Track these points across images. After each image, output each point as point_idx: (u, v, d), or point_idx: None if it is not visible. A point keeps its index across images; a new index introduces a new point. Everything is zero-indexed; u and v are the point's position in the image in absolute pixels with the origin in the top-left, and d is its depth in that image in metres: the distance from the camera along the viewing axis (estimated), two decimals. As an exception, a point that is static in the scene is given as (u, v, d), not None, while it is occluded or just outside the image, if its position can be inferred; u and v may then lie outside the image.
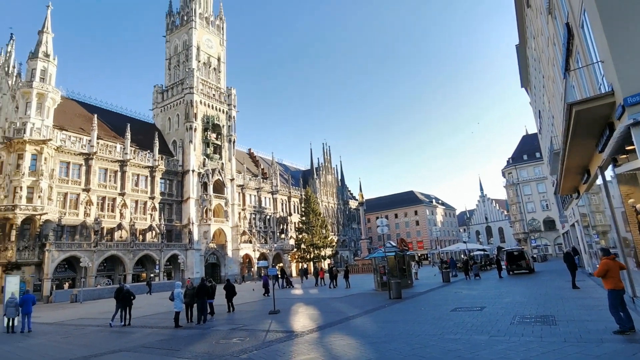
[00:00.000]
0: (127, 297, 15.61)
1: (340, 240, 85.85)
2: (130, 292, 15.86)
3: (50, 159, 40.88)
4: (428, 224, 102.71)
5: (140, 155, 50.64)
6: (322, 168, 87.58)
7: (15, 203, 37.45)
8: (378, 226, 21.55)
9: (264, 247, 64.05)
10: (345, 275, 31.91)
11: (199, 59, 61.15)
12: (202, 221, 53.91)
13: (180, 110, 58.53)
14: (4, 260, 36.51)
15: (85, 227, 43.37)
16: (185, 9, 63.97)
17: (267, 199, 70.52)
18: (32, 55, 41.59)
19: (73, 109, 49.48)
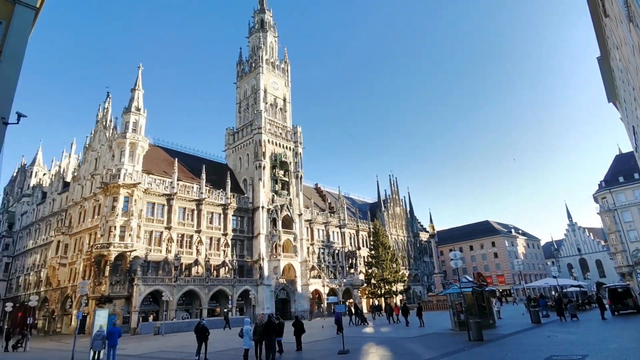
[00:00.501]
0: (202, 332, 16.02)
1: (411, 274, 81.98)
2: (205, 328, 16.27)
3: (139, 200, 45.21)
4: (508, 256, 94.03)
5: (214, 194, 53.99)
6: (389, 200, 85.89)
7: (110, 241, 41.63)
8: (451, 259, 20.16)
9: (333, 282, 63.22)
10: (418, 312, 30.00)
11: (266, 101, 65.01)
12: (272, 256, 55.05)
13: (249, 150, 62.00)
14: (98, 294, 40.28)
15: (167, 262, 46.60)
16: (253, 57, 69.24)
17: (335, 233, 70.37)
18: (125, 110, 47.43)
19: (158, 155, 54.83)
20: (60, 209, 56.13)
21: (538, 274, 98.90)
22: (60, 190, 58.46)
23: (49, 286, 51.27)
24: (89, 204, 49.39)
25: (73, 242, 50.28)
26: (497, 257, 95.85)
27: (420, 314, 29.40)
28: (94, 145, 53.50)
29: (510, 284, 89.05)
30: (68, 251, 50.13)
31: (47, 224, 58.28)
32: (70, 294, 46.30)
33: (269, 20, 73.77)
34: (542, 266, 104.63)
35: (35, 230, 61.25)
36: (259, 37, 70.42)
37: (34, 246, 59.37)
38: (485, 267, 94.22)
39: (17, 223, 67.68)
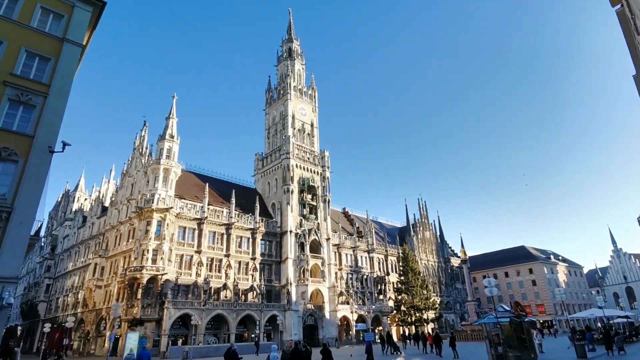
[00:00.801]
0: (233, 358, 15.87)
1: (443, 301, 78.73)
2: (235, 353, 16.12)
3: (171, 224, 46.43)
4: (548, 284, 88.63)
5: (243, 219, 54.69)
6: (418, 224, 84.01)
7: (143, 264, 42.71)
8: (486, 286, 19.24)
9: (361, 308, 61.61)
10: (451, 342, 28.57)
11: (294, 126, 66.24)
12: (300, 281, 54.56)
13: (278, 175, 62.85)
14: (130, 316, 41.05)
15: (196, 286, 47.10)
16: (281, 84, 71.28)
17: (363, 258, 69.17)
18: (160, 137, 49.57)
19: (189, 180, 56.52)
20: (98, 233, 58.45)
21: (582, 303, 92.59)
22: (99, 215, 61.06)
23: (85, 308, 52.84)
24: (124, 227, 51.19)
25: (109, 265, 51.96)
26: (535, 285, 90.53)
27: (454, 345, 27.95)
28: (130, 172, 55.93)
29: (552, 315, 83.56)
30: (104, 273, 51.77)
31: (86, 246, 60.68)
32: (105, 316, 47.41)
33: (297, 49, 76.14)
34: (585, 295, 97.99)
35: (75, 253, 63.85)
36: (287, 65, 72.64)
37: (73, 268, 61.76)
38: (522, 296, 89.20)
39: (59, 246, 70.89)
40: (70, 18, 22.16)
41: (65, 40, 21.37)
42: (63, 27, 21.78)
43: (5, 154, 17.47)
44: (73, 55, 21.86)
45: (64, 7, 22.10)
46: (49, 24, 21.40)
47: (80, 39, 22.48)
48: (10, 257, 16.40)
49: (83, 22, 22.68)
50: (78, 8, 22.54)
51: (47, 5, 21.44)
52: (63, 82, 20.82)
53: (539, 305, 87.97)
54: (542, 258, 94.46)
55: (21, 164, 17.79)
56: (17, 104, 18.80)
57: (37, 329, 60.97)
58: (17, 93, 18.79)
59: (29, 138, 18.38)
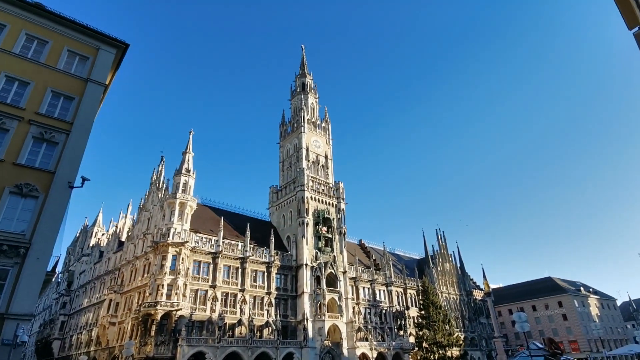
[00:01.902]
0: None
1: (467, 337, 74.78)
2: None
3: (187, 259, 46.11)
4: (580, 319, 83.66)
5: (258, 252, 54.04)
6: (437, 256, 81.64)
7: (158, 299, 42.08)
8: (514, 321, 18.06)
9: (381, 345, 58.87)
10: None
11: (308, 159, 66.60)
12: (317, 317, 52.85)
13: (293, 207, 62.58)
14: (143, 354, 40.01)
15: (210, 322, 45.98)
16: (295, 117, 72.49)
17: (381, 291, 67.00)
18: (177, 172, 50.30)
19: (205, 213, 56.69)
20: (114, 268, 58.48)
21: (617, 339, 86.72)
22: (115, 250, 61.34)
23: (99, 345, 51.95)
24: (140, 262, 51.10)
25: (123, 301, 51.49)
26: (566, 320, 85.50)
27: None
28: (147, 206, 56.53)
29: (587, 352, 78.28)
30: (118, 310, 51.22)
31: (102, 282, 60.59)
32: (118, 354, 46.42)
33: (310, 83, 77.96)
34: (621, 330, 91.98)
35: (91, 289, 63.73)
36: (301, 99, 74.17)
37: (88, 304, 61.42)
38: (553, 331, 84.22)
39: (76, 282, 71.00)
40: (95, 60, 23.18)
41: (90, 81, 22.26)
42: (88, 68, 22.76)
43: (26, 190, 17.79)
44: (96, 94, 22.69)
45: (90, 50, 23.20)
46: (74, 66, 22.40)
47: (104, 79, 23.41)
48: (26, 294, 16.28)
49: (107, 63, 23.70)
50: (103, 50, 23.63)
51: (74, 48, 22.53)
52: (85, 120, 21.49)
53: (571, 341, 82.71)
54: (571, 290, 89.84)
55: (41, 200, 18.05)
56: (41, 141, 19.37)
57: (50, 368, 60.00)
58: (41, 131, 19.40)
59: (50, 174, 18.75)
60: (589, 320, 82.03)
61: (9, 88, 19.42)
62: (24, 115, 19.21)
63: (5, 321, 15.02)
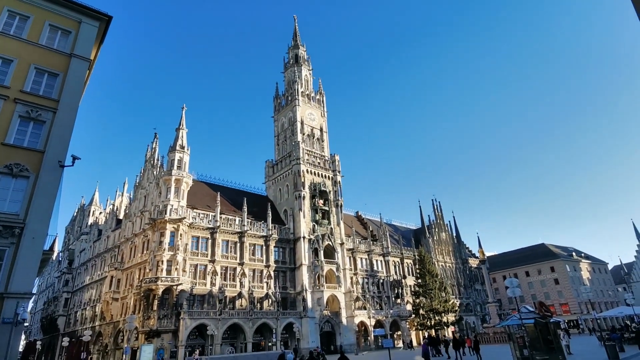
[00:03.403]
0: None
1: (463, 304, 77.11)
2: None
3: (185, 235, 46.49)
4: (572, 283, 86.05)
5: (256, 226, 54.52)
6: (434, 225, 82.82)
7: (158, 275, 42.75)
8: (507, 287, 18.51)
9: (379, 313, 60.64)
10: (475, 346, 27.83)
11: (303, 132, 66.06)
12: (315, 288, 54.01)
13: (289, 181, 62.64)
14: (147, 328, 41.05)
15: (211, 296, 46.95)
16: (289, 90, 71.33)
17: (378, 262, 68.27)
18: (171, 148, 49.85)
19: (201, 189, 56.71)
20: (113, 245, 58.99)
21: (608, 301, 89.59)
22: (114, 228, 61.67)
23: (103, 320, 53.19)
24: (138, 239, 51.50)
25: (125, 277, 52.27)
26: (558, 284, 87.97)
27: (477, 348, 27.22)
28: (143, 184, 56.39)
29: (577, 314, 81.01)
30: (120, 286, 52.07)
31: (102, 260, 61.28)
32: (122, 328, 47.55)
33: (303, 55, 76.23)
34: (611, 293, 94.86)
35: (92, 266, 64.54)
36: (294, 71, 72.74)
37: (90, 282, 62.39)
38: (545, 295, 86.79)
39: (76, 260, 71.80)
40: (78, 34, 22.37)
41: (73, 56, 21.56)
42: (71, 43, 21.99)
43: (17, 170, 17.58)
44: (81, 70, 22.05)
45: (71, 23, 22.35)
46: (57, 41, 21.63)
47: (88, 54, 22.68)
48: (24, 273, 16.41)
49: (90, 37, 22.89)
50: (85, 24, 22.77)
51: (55, 22, 21.69)
52: (72, 97, 20.98)
53: (562, 304, 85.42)
54: (563, 256, 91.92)
55: (32, 180, 17.87)
56: (28, 120, 18.96)
57: (57, 343, 61.59)
58: (27, 110, 18.96)
59: (39, 154, 18.48)
60: (580, 284, 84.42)
61: (-8, 66, 18.80)
62: (8, 94, 18.71)
63: (5, 300, 15.21)
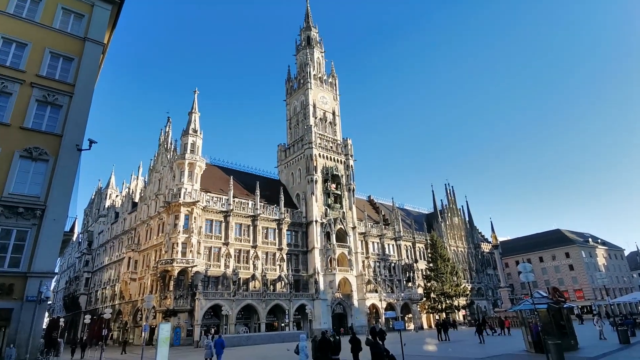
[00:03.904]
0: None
1: (474, 288, 77.12)
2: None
3: (199, 218, 47.25)
4: (586, 269, 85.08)
5: (269, 210, 55.03)
6: (446, 210, 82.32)
7: (173, 257, 43.78)
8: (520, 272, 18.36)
9: (390, 296, 61.19)
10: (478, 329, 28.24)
11: (316, 116, 65.67)
12: (327, 270, 54.62)
13: (301, 165, 62.71)
14: (164, 307, 42.33)
15: (225, 277, 47.97)
16: (301, 73, 70.64)
17: (390, 245, 68.47)
18: (184, 132, 50.22)
19: (214, 173, 57.27)
20: (130, 228, 60.42)
21: (623, 287, 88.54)
22: (130, 210, 63.04)
23: (122, 299, 54.99)
24: (154, 222, 52.59)
25: (142, 258, 53.68)
26: (572, 270, 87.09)
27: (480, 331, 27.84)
28: (157, 167, 57.20)
29: (591, 300, 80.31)
30: (138, 267, 53.56)
31: (120, 241, 62.94)
32: (141, 307, 49.14)
33: (315, 37, 75.10)
34: (627, 279, 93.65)
35: (110, 248, 66.42)
36: (306, 54, 71.85)
37: (109, 262, 64.31)
38: (559, 281, 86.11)
39: (95, 241, 73.96)
40: (91, 17, 22.42)
41: (87, 40, 21.67)
42: (84, 26, 22.08)
43: (36, 154, 17.99)
44: (95, 54, 22.19)
45: (84, 6, 22.39)
46: (70, 24, 21.73)
47: (101, 38, 22.77)
48: (46, 253, 16.97)
49: (103, 20, 22.93)
50: (97, 7, 22.78)
51: (68, 5, 21.75)
52: (87, 81, 21.20)
53: (577, 290, 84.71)
54: (579, 241, 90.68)
55: (51, 163, 18.28)
56: (45, 104, 19.26)
57: (79, 320, 64.09)
58: (44, 94, 19.24)
59: (57, 137, 18.83)
60: (595, 270, 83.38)
61: (7, 50, 19.03)
62: (25, 78, 18.97)
63: (29, 279, 15.78)
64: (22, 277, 15.84)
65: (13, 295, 15.45)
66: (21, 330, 15.22)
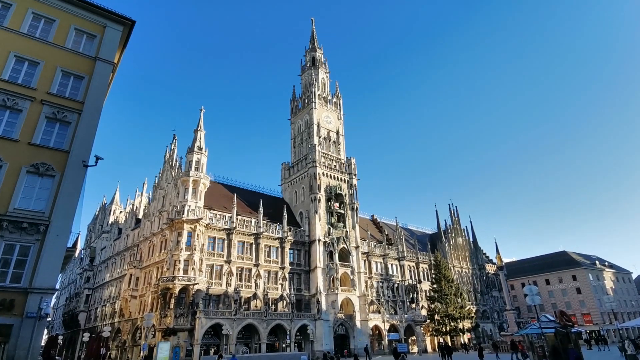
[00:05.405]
0: None
1: (479, 310, 75.60)
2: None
3: (201, 235, 47.11)
4: (594, 292, 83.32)
5: (272, 228, 54.83)
6: (450, 230, 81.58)
7: (175, 274, 43.44)
8: (526, 295, 18.09)
9: (393, 317, 60.05)
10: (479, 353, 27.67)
11: (320, 135, 66.17)
12: (330, 290, 53.90)
13: (305, 183, 62.80)
14: (164, 326, 41.72)
15: (227, 296, 47.42)
16: (306, 93, 71.63)
17: (393, 266, 67.69)
18: (189, 150, 50.64)
19: (218, 191, 57.41)
20: (132, 244, 60.23)
21: (631, 312, 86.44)
22: (133, 227, 62.98)
23: (122, 317, 54.29)
24: (156, 239, 52.45)
25: (143, 275, 53.28)
26: (580, 293, 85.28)
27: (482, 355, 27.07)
28: (161, 184, 57.45)
29: (599, 324, 78.38)
30: (139, 284, 53.09)
31: (122, 258, 62.65)
32: (140, 325, 48.44)
33: (320, 58, 76.49)
34: (635, 303, 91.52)
35: (112, 264, 66.06)
36: (311, 74, 73.01)
37: (110, 279, 63.84)
38: (566, 304, 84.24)
39: (97, 257, 73.65)
40: (102, 38, 23.03)
41: (98, 59, 22.21)
42: (96, 46, 22.65)
43: (43, 169, 18.18)
44: (105, 73, 22.69)
45: (96, 27, 23.04)
46: (82, 44, 22.31)
47: (112, 57, 23.33)
48: (48, 269, 16.91)
49: (114, 41, 23.54)
50: (109, 28, 23.44)
51: (80, 26, 22.40)
52: (96, 99, 21.61)
53: (584, 314, 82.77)
54: (586, 264, 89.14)
55: (57, 179, 18.44)
56: (54, 121, 19.58)
57: (78, 338, 63.19)
58: (53, 111, 19.59)
59: (64, 153, 19.06)
60: (602, 293, 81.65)
61: (19, 68, 19.52)
62: (35, 95, 19.38)
63: (29, 295, 15.70)
64: (23, 292, 15.77)
65: (13, 311, 15.35)
66: (20, 347, 15.04)
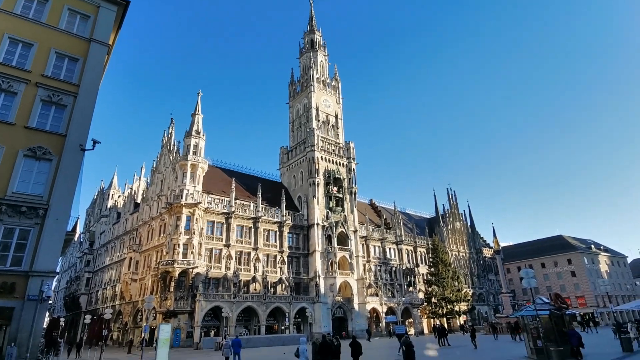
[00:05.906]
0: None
1: (475, 293, 76.75)
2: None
3: (200, 219, 47.27)
4: (589, 276, 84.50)
5: (270, 212, 55.02)
6: (448, 214, 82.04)
7: (174, 258, 43.78)
8: (522, 278, 18.31)
9: (391, 300, 60.97)
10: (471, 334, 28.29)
11: (318, 119, 65.74)
12: (328, 274, 54.51)
13: (303, 168, 62.73)
14: (164, 308, 42.28)
15: (226, 279, 47.93)
16: (304, 76, 70.83)
17: (391, 249, 68.31)
18: (187, 134, 50.31)
19: (217, 175, 57.33)
20: (131, 228, 60.48)
21: (626, 295, 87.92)
22: (132, 211, 63.12)
23: (123, 300, 54.97)
24: (155, 223, 52.63)
25: (143, 259, 53.69)
26: (574, 276, 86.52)
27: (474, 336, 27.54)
28: (159, 168, 57.31)
29: (593, 307, 79.80)
30: (138, 267, 53.57)
31: (121, 242, 63.01)
32: (141, 308, 49.11)
33: (319, 40, 75.36)
34: (629, 286, 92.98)
35: (111, 248, 66.49)
36: (310, 57, 72.06)
37: (110, 262, 64.36)
38: (561, 287, 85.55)
39: (97, 241, 74.06)
40: (97, 18, 22.54)
41: (93, 41, 21.78)
42: (90, 27, 22.18)
43: (40, 153, 18.03)
44: (100, 54, 22.29)
45: (90, 7, 22.51)
46: (76, 25, 21.84)
47: (107, 39, 22.88)
48: (48, 253, 16.97)
49: (108, 21, 23.05)
50: (103, 8, 22.90)
51: (74, 6, 21.87)
52: (91, 82, 21.28)
53: (578, 297, 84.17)
54: (581, 248, 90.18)
55: (55, 163, 18.31)
56: (49, 104, 19.33)
57: (79, 320, 64.10)
58: (48, 94, 19.31)
59: (61, 137, 18.88)
60: (597, 277, 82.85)
61: (13, 50, 19.14)
62: (30, 77, 19.06)
63: (30, 278, 15.79)
64: (24, 276, 15.86)
65: (15, 294, 15.46)
66: (22, 329, 15.21)
